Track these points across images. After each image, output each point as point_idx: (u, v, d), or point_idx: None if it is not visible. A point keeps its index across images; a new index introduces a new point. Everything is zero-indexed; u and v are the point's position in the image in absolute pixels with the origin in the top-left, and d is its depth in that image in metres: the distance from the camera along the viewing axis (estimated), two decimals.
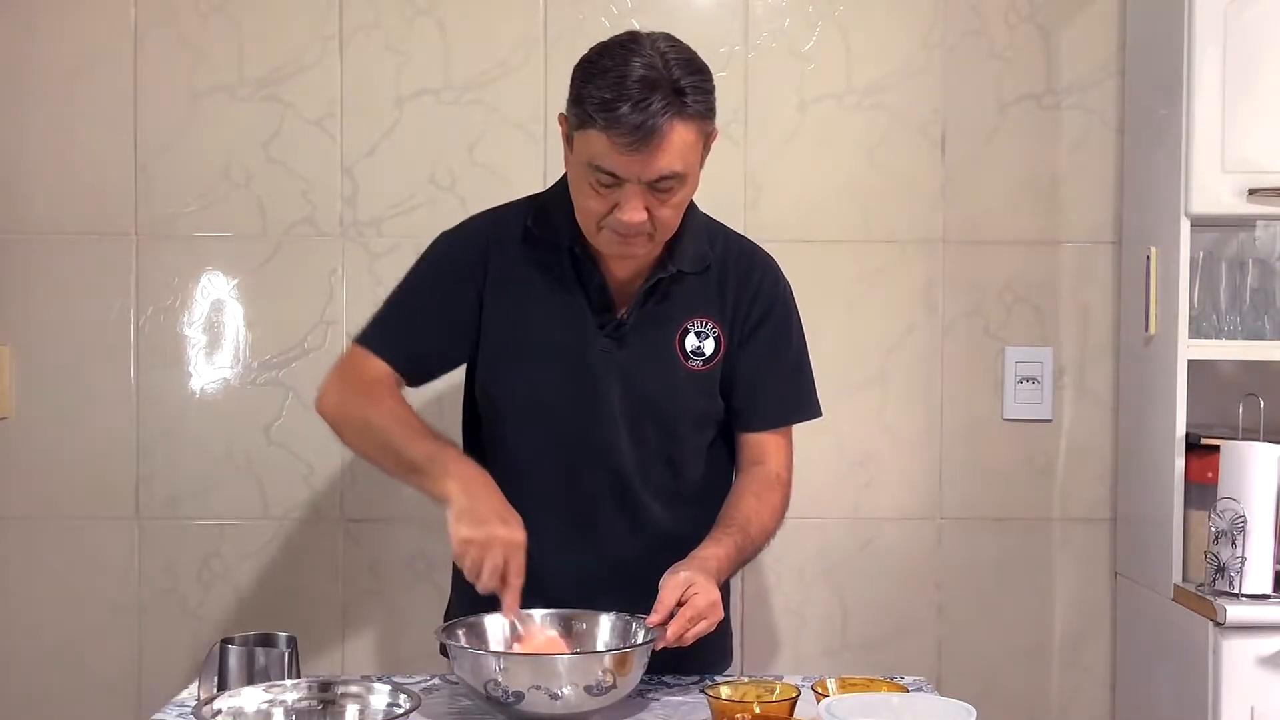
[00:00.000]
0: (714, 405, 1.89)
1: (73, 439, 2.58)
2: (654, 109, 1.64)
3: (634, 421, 1.84)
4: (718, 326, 1.87)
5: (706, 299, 1.87)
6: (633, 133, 1.64)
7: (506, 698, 1.55)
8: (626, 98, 1.64)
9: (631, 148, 1.65)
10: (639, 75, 1.65)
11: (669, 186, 1.71)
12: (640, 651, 1.62)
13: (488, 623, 1.71)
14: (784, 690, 1.59)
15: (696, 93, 1.68)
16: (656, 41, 1.70)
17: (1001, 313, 2.64)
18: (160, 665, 2.58)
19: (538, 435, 1.86)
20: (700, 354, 1.86)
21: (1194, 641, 2.25)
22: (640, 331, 1.84)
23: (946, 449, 2.64)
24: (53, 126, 2.57)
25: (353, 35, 2.58)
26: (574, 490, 1.86)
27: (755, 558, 1.89)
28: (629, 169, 1.67)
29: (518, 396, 1.85)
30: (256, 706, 1.51)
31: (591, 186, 1.71)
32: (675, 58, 1.69)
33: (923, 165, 2.62)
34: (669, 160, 1.68)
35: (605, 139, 1.66)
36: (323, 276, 2.58)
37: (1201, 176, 2.29)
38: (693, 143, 1.70)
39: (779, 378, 1.93)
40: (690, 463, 1.90)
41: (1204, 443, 2.34)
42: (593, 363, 1.83)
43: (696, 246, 1.86)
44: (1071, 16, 2.62)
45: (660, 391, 1.84)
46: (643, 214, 1.71)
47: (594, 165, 1.69)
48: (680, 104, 1.66)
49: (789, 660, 2.62)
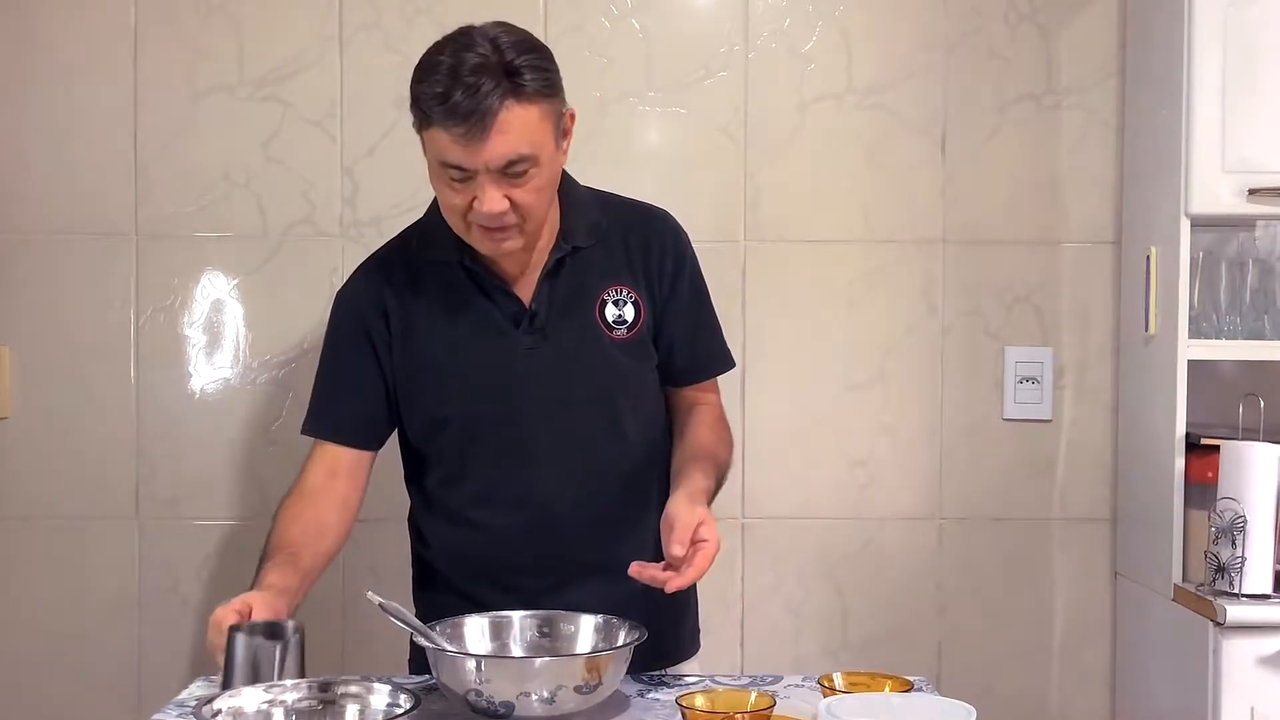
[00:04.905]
0: (647, 369, 1.88)
1: (73, 439, 2.58)
2: (484, 92, 1.61)
3: (573, 409, 1.83)
4: (634, 292, 1.85)
5: (615, 267, 1.85)
6: (464, 121, 1.61)
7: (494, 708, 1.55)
8: (456, 86, 1.61)
9: (467, 136, 1.62)
10: (470, 64, 1.62)
11: (522, 170, 1.67)
12: (621, 652, 1.62)
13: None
14: (760, 700, 1.56)
15: (531, 70, 1.64)
16: (487, 30, 1.68)
17: (1001, 313, 2.64)
18: (160, 665, 2.59)
19: (481, 452, 1.84)
20: (623, 321, 1.84)
21: (1194, 641, 2.25)
22: (558, 319, 1.82)
23: (946, 449, 2.64)
24: (53, 126, 2.57)
25: (353, 35, 2.58)
26: (529, 492, 1.84)
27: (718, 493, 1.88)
28: (472, 159, 1.64)
29: (455, 419, 1.83)
30: (256, 706, 1.51)
31: (447, 184, 1.69)
32: (508, 40, 1.66)
33: (923, 165, 2.62)
34: (511, 144, 1.64)
35: (443, 133, 1.64)
36: (323, 276, 2.58)
37: (1201, 176, 2.29)
38: (536, 123, 1.66)
39: (709, 329, 1.96)
40: (636, 436, 1.88)
41: (1204, 443, 2.34)
42: (519, 364, 1.81)
43: (586, 218, 1.84)
44: (1071, 16, 2.62)
45: (593, 370, 1.83)
46: (502, 203, 1.67)
47: (442, 162, 1.67)
48: (514, 85, 1.63)
49: (789, 660, 2.61)
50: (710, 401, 1.96)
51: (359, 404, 1.86)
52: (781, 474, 2.63)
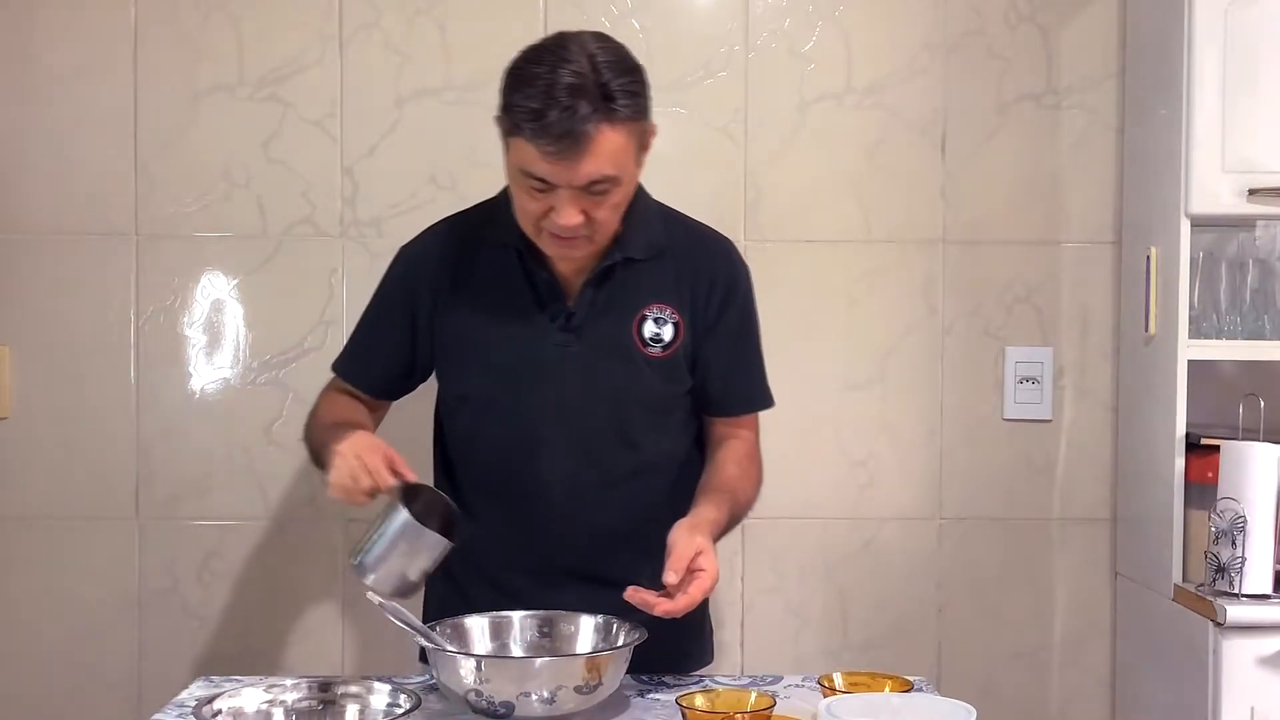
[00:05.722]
0: (675, 390, 1.88)
1: (73, 439, 2.58)
2: (580, 115, 1.61)
3: (588, 412, 1.83)
4: (676, 313, 1.85)
5: (663, 285, 1.85)
6: (558, 141, 1.62)
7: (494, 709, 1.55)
8: (552, 105, 1.61)
9: (559, 156, 1.63)
10: (565, 83, 1.62)
11: (602, 189, 1.69)
12: (621, 652, 1.62)
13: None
14: (760, 700, 1.57)
15: (625, 96, 1.65)
16: (586, 44, 1.67)
17: (1001, 313, 2.64)
18: (160, 665, 2.59)
19: (493, 434, 1.86)
20: (659, 340, 1.84)
21: (1194, 641, 2.25)
22: (594, 322, 1.83)
23: (946, 449, 2.64)
24: (53, 126, 2.57)
25: (353, 35, 2.58)
26: (532, 486, 1.85)
27: (732, 529, 1.87)
28: (558, 176, 1.66)
29: (475, 397, 1.86)
30: (256, 706, 1.52)
31: (526, 191, 1.70)
32: (605, 60, 1.66)
33: (923, 165, 2.62)
34: (598, 165, 1.65)
35: (533, 148, 1.64)
36: (323, 276, 2.59)
37: (1201, 176, 2.29)
38: (624, 145, 1.67)
39: (751, 365, 1.95)
40: (647, 448, 1.88)
41: (1204, 443, 2.34)
42: (547, 358, 1.82)
43: (647, 233, 1.84)
44: (1071, 16, 2.62)
45: (617, 379, 1.83)
46: (578, 217, 1.69)
47: (525, 171, 1.68)
48: (608, 109, 1.64)
49: (789, 660, 2.61)
50: (743, 437, 1.94)
51: (383, 359, 1.92)
52: (781, 474, 2.61)
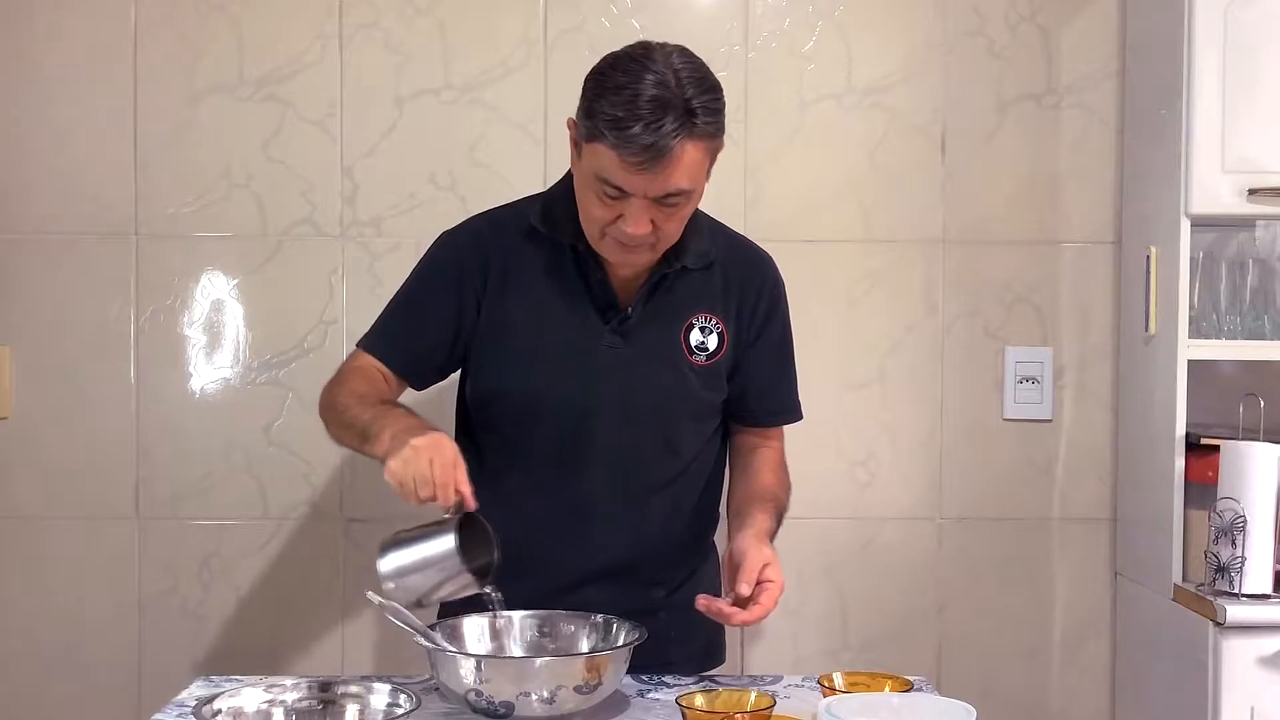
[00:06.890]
0: (715, 398, 1.91)
1: (73, 439, 2.58)
2: (666, 130, 1.63)
3: (637, 416, 1.85)
4: (721, 323, 1.89)
5: (711, 295, 1.89)
6: (643, 152, 1.64)
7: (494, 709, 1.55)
8: (639, 117, 1.63)
9: (641, 167, 1.65)
10: (651, 95, 1.64)
11: (674, 202, 1.71)
12: (620, 652, 1.62)
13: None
14: (760, 700, 1.57)
15: (707, 113, 1.67)
16: (670, 56, 1.69)
17: (1001, 313, 2.64)
18: (160, 665, 2.59)
19: (539, 431, 1.86)
20: (704, 349, 1.88)
21: (1194, 641, 2.25)
22: (644, 327, 1.85)
23: (946, 449, 2.64)
24: (53, 126, 2.57)
25: (353, 35, 2.58)
26: (573, 484, 1.86)
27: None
28: (637, 186, 1.68)
29: (521, 393, 1.85)
30: (256, 706, 1.52)
31: (597, 196, 1.72)
32: (688, 75, 1.67)
33: (923, 165, 2.62)
34: (677, 179, 1.68)
35: (615, 156, 1.66)
36: (323, 276, 2.59)
37: (1201, 176, 2.29)
38: (700, 160, 1.70)
39: (787, 377, 2.00)
40: (688, 454, 1.92)
41: (1204, 442, 2.34)
42: (597, 359, 1.83)
43: (699, 243, 1.87)
44: (1071, 16, 2.62)
45: (666, 386, 1.86)
46: (647, 226, 1.72)
47: (601, 178, 1.69)
48: (691, 125, 1.66)
49: (789, 660, 2.62)
50: (774, 446, 1.99)
51: (423, 341, 1.89)
52: None
